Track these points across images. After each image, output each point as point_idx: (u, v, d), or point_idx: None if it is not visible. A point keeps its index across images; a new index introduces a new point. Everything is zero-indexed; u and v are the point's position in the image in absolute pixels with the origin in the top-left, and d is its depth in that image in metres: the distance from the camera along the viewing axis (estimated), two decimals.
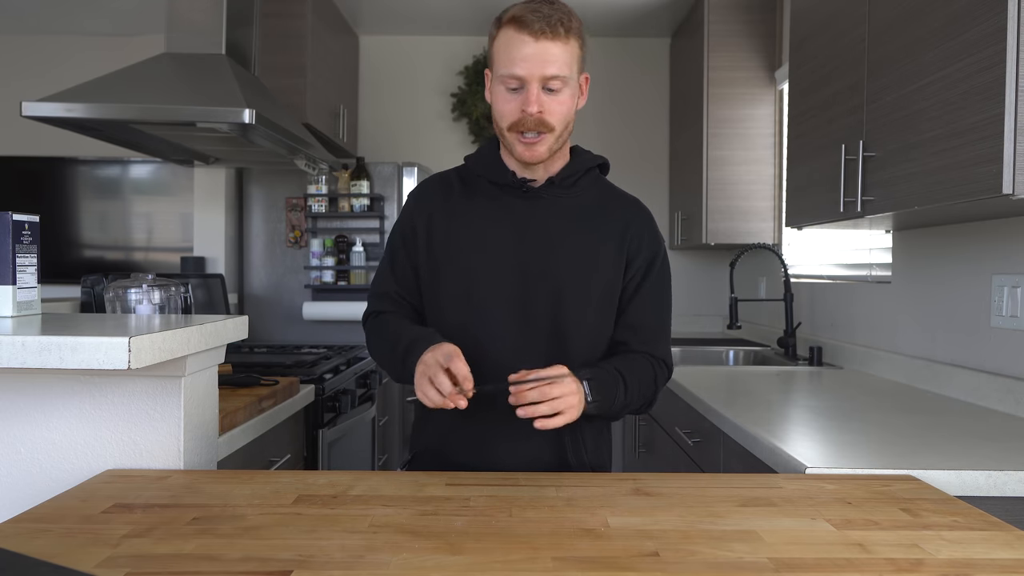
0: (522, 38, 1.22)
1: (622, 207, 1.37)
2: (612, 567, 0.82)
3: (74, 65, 4.09)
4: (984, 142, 1.36)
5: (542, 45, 1.22)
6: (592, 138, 4.10)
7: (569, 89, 1.26)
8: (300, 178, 3.50)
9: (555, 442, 1.31)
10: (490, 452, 1.30)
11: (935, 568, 0.82)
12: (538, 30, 1.21)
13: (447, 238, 1.33)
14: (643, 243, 1.35)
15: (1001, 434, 1.53)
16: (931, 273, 2.11)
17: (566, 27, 1.23)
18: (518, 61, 1.22)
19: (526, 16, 1.22)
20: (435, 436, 1.34)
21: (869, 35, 1.83)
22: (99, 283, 2.55)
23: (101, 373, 1.20)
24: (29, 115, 2.18)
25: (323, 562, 0.82)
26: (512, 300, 1.28)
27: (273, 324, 3.51)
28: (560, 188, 1.33)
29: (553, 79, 1.23)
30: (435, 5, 3.77)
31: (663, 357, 1.36)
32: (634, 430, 3.00)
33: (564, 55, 1.23)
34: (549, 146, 1.27)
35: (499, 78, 1.26)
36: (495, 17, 1.29)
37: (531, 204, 1.33)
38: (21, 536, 0.89)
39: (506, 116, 1.26)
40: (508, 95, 1.26)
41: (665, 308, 1.39)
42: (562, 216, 1.33)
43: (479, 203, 1.34)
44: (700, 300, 4.15)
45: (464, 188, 1.37)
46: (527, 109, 1.23)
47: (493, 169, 1.35)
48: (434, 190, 1.39)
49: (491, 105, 1.31)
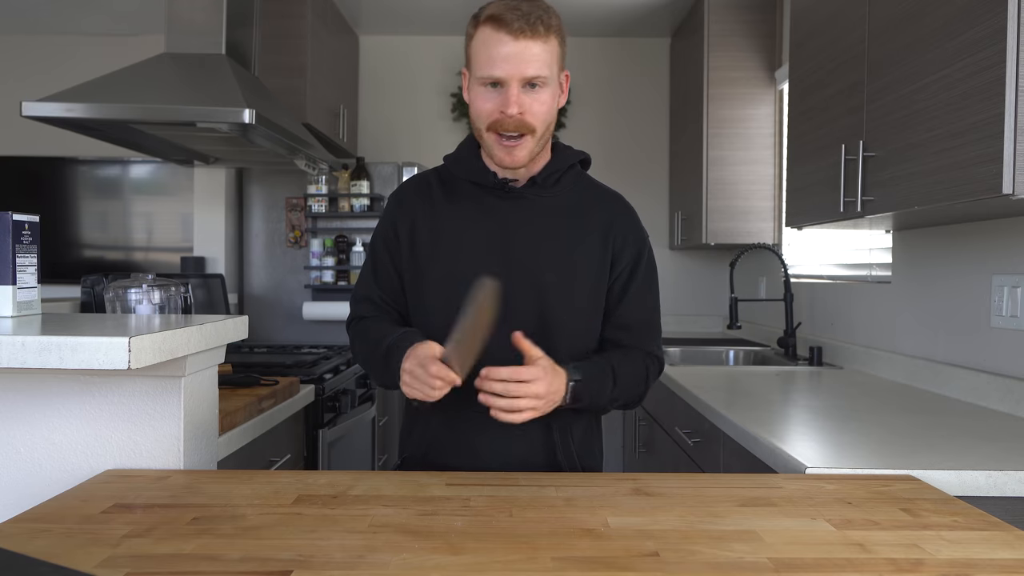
0: (500, 37, 1.19)
1: (605, 204, 1.36)
2: (612, 567, 0.81)
3: (74, 65, 4.10)
4: (984, 142, 1.36)
5: (521, 44, 1.19)
6: (592, 138, 4.10)
7: (550, 89, 1.24)
8: (300, 178, 3.50)
9: (545, 442, 1.30)
10: (479, 454, 1.29)
11: (935, 568, 0.82)
12: (517, 29, 1.18)
13: (430, 242, 1.31)
14: (628, 240, 1.34)
15: (1001, 434, 1.53)
16: (931, 273, 2.11)
17: (546, 25, 1.20)
18: (497, 61, 1.20)
19: (505, 15, 1.19)
20: (423, 440, 1.34)
21: (869, 35, 1.83)
22: (99, 283, 2.56)
23: (101, 373, 1.20)
24: (29, 115, 2.18)
25: (323, 562, 0.82)
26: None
27: (273, 324, 3.51)
28: (542, 187, 1.32)
29: (533, 79, 1.21)
30: (435, 5, 3.77)
31: (655, 352, 1.36)
32: (634, 430, 3.00)
33: (544, 54, 1.21)
34: (530, 150, 1.25)
35: (477, 78, 1.23)
36: (472, 15, 1.26)
37: (513, 205, 1.31)
38: (21, 536, 0.89)
39: (484, 116, 1.24)
40: (487, 94, 1.23)
41: (654, 303, 1.38)
42: (545, 216, 1.31)
43: (461, 205, 1.32)
44: (700, 300, 4.15)
45: (445, 190, 1.35)
46: (507, 110, 1.21)
47: (474, 170, 1.32)
48: (415, 193, 1.36)
49: (469, 105, 1.28)
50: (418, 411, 1.33)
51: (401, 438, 1.42)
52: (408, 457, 1.37)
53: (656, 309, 1.39)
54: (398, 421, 3.47)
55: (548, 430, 1.30)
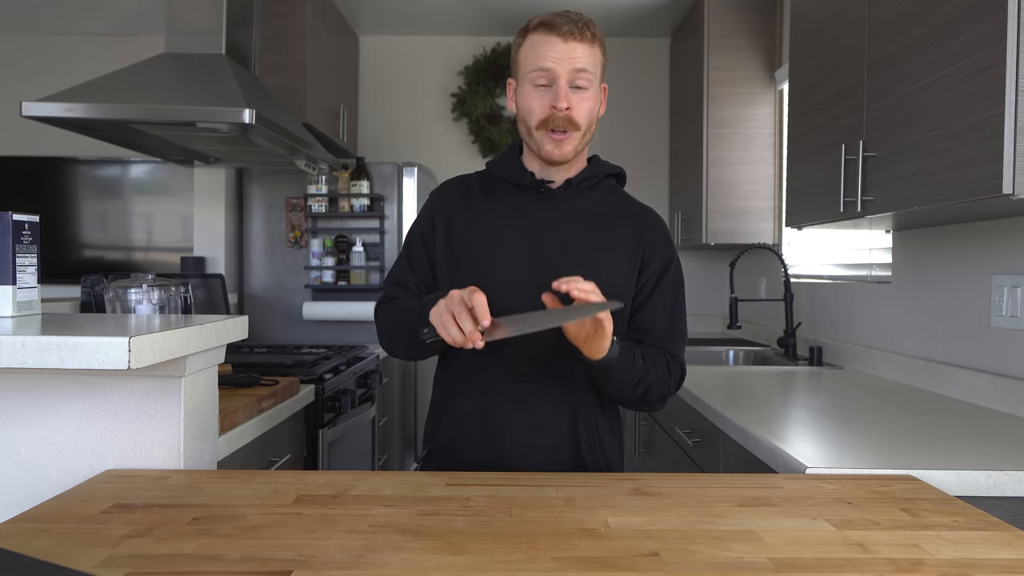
0: (550, 39, 1.27)
1: (637, 215, 1.40)
2: (612, 567, 0.81)
3: (74, 65, 4.10)
4: (984, 142, 1.36)
5: (570, 45, 1.26)
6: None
7: (593, 91, 1.30)
8: (300, 178, 3.50)
9: (570, 434, 1.32)
10: (506, 449, 1.31)
11: (935, 568, 0.82)
12: (567, 32, 1.26)
13: (465, 235, 1.35)
14: (657, 249, 1.37)
15: (1001, 434, 1.53)
16: (931, 273, 2.11)
17: (592, 32, 1.29)
18: (548, 57, 1.27)
19: (554, 20, 1.27)
20: (450, 433, 1.35)
21: (869, 35, 1.83)
22: (99, 283, 2.56)
23: (101, 373, 1.20)
24: (29, 115, 2.18)
25: (323, 562, 0.82)
26: (526, 297, 1.29)
27: (273, 324, 3.52)
28: (578, 191, 1.36)
29: (582, 72, 1.27)
30: (435, 5, 3.77)
31: (677, 355, 1.37)
32: (634, 430, 3.00)
33: (591, 55, 1.28)
34: (575, 145, 1.31)
35: (527, 76, 1.30)
36: (520, 28, 1.34)
37: (549, 205, 1.35)
38: (21, 536, 0.89)
39: (535, 113, 1.30)
40: (536, 93, 1.29)
41: (679, 314, 1.39)
42: (578, 218, 1.35)
43: (498, 203, 1.37)
44: (700, 300, 4.15)
45: (484, 189, 1.40)
46: (557, 104, 1.27)
47: (513, 171, 1.38)
48: (455, 189, 1.42)
49: (517, 109, 1.34)
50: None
51: (427, 429, 1.42)
52: (435, 448, 1.38)
53: (682, 319, 1.40)
54: (398, 421, 3.48)
55: (574, 423, 1.32)
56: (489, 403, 1.32)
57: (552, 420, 1.32)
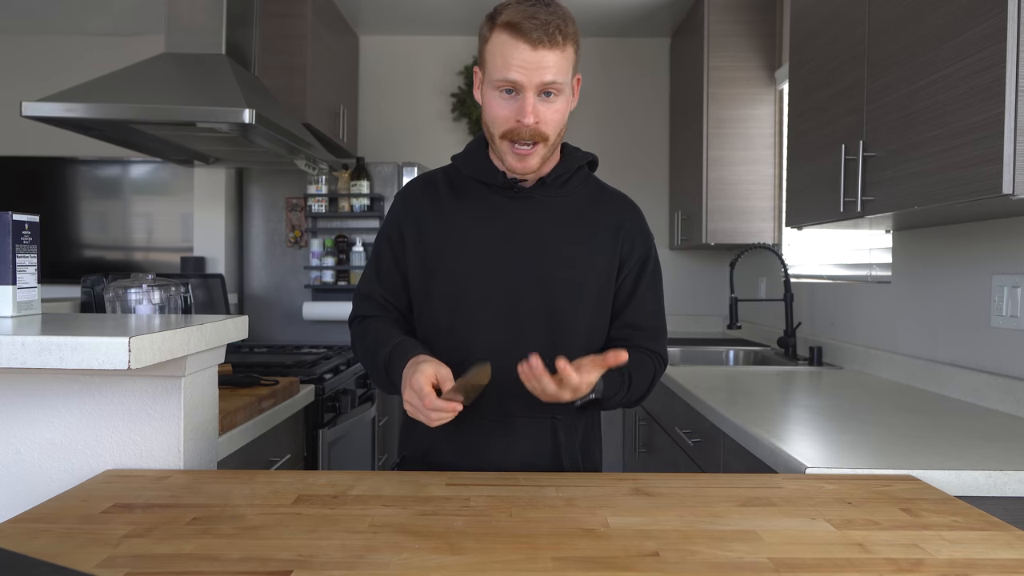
0: (517, 45, 1.18)
1: (613, 206, 1.37)
2: (612, 567, 0.81)
3: (74, 65, 4.09)
4: (984, 142, 1.36)
5: (539, 54, 1.18)
6: (592, 138, 4.10)
7: (564, 96, 1.23)
8: (300, 178, 3.50)
9: (550, 441, 1.31)
10: (481, 455, 1.29)
11: (935, 568, 0.82)
12: (536, 39, 1.17)
13: (437, 241, 1.31)
14: (636, 242, 1.35)
15: (1001, 434, 1.53)
16: (931, 273, 2.11)
17: (563, 33, 1.19)
18: (514, 67, 1.18)
19: (523, 23, 1.17)
20: (425, 439, 1.33)
21: (869, 35, 1.83)
22: (99, 283, 2.56)
23: (101, 373, 1.20)
24: (29, 115, 2.18)
25: (323, 562, 0.82)
26: (504, 302, 1.28)
27: (273, 324, 3.51)
28: (551, 188, 1.32)
29: (550, 85, 1.20)
30: (435, 5, 3.77)
31: (661, 353, 1.37)
32: (634, 430, 3.00)
33: (561, 62, 1.20)
34: (541, 156, 1.25)
35: (493, 82, 1.22)
36: (487, 15, 1.24)
37: (522, 205, 1.31)
38: (21, 536, 0.89)
39: (499, 123, 1.23)
40: (502, 100, 1.22)
41: (661, 305, 1.39)
42: (553, 217, 1.31)
43: (469, 205, 1.32)
44: (700, 300, 4.15)
45: (452, 189, 1.34)
46: (523, 120, 1.20)
47: (483, 170, 1.32)
48: (422, 192, 1.36)
49: (482, 107, 1.27)
50: None
51: (401, 436, 1.41)
52: (408, 456, 1.37)
53: (662, 309, 1.40)
54: (398, 421, 3.47)
55: (554, 430, 1.30)
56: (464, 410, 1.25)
57: (530, 429, 1.29)
